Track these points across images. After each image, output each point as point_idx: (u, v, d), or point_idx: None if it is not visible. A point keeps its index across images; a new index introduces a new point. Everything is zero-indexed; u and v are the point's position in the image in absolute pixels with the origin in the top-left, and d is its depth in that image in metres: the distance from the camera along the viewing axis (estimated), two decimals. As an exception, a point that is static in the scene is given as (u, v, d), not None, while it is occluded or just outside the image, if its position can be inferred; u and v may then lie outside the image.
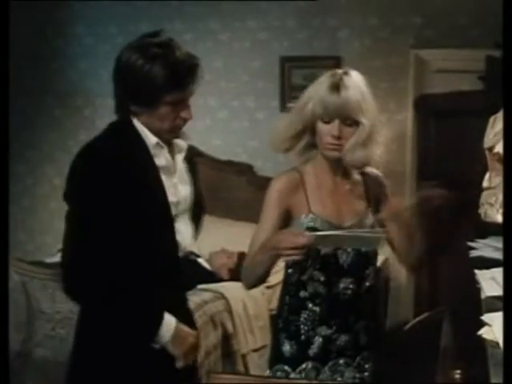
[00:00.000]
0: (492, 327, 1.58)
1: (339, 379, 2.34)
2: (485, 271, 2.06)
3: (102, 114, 6.01)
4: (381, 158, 2.34)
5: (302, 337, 2.36)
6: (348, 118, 2.26)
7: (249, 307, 4.34)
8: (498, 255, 2.07)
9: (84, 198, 2.21)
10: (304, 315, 2.36)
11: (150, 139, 2.25)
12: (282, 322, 2.41)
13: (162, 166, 2.28)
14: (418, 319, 3.51)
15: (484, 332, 1.58)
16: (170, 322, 2.24)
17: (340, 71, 2.34)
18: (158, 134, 2.26)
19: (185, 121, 2.27)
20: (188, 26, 5.77)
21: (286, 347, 2.38)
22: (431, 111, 4.87)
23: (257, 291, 4.16)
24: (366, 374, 2.39)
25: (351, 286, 2.35)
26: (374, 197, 2.44)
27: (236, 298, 4.23)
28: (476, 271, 2.08)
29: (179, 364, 2.27)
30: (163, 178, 2.27)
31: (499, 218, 1.92)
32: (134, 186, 2.20)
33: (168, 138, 2.29)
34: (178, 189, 2.33)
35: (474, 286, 2.01)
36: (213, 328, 3.98)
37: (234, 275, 4.25)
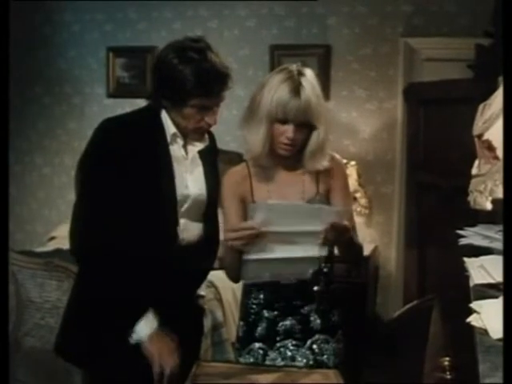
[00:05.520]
0: (480, 315, 1.59)
1: (289, 362, 2.38)
2: (474, 259, 2.07)
3: (91, 102, 6.00)
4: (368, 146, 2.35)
5: (250, 319, 2.46)
6: (305, 122, 2.30)
7: (238, 295, 4.33)
8: (487, 243, 2.07)
9: (97, 166, 2.31)
10: (250, 299, 2.47)
11: (170, 129, 2.35)
12: (240, 304, 2.57)
13: (175, 156, 2.36)
14: (407, 307, 3.52)
15: (472, 319, 1.58)
16: (151, 321, 2.26)
17: (294, 70, 2.31)
18: (181, 131, 2.36)
19: (209, 125, 2.35)
20: (177, 14, 5.75)
21: (239, 328, 2.51)
22: (420, 99, 4.88)
23: (247, 279, 4.16)
24: (325, 356, 2.40)
25: None
26: (324, 186, 2.43)
27: (226, 286, 4.22)
28: (465, 259, 2.09)
29: (155, 369, 2.24)
30: (175, 167, 2.35)
31: (488, 206, 1.91)
32: (145, 167, 2.30)
33: (191, 137, 2.39)
34: (188, 183, 2.38)
35: (463, 274, 2.02)
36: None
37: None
